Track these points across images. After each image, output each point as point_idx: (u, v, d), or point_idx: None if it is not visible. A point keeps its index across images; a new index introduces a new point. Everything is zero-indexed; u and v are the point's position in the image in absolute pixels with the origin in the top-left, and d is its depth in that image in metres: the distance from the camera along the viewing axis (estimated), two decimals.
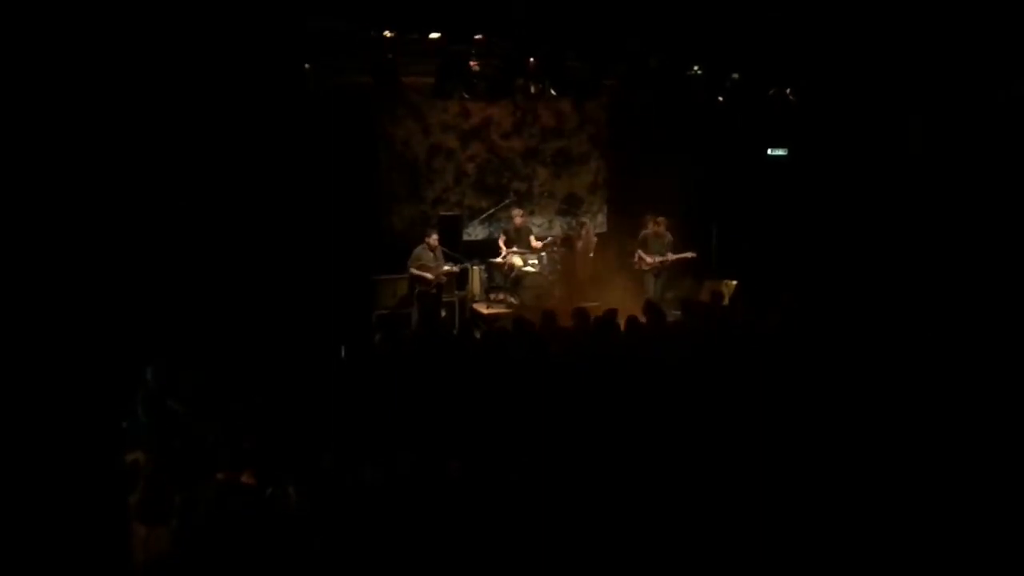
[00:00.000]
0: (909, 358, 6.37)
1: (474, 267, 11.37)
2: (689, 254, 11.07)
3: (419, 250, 10.30)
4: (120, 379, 4.85)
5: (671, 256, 11.00)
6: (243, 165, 9.08)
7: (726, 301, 9.81)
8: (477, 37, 9.18)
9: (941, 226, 10.44)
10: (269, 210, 9.35)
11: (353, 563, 4.00)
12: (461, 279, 11.05)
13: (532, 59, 9.69)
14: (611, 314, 7.78)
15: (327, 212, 9.96)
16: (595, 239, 11.99)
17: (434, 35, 8.87)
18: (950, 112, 10.31)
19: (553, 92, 10.63)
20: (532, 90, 10.57)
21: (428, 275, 10.16)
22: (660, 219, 11.08)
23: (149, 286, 7.22)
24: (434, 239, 10.37)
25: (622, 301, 9.41)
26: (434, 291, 10.26)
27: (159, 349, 6.17)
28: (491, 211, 12.11)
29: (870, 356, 6.42)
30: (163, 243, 8.07)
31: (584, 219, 12.38)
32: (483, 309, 11.07)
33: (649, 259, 11.01)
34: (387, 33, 8.81)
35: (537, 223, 12.45)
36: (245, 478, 4.40)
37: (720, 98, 11.10)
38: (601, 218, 13.21)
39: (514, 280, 11.02)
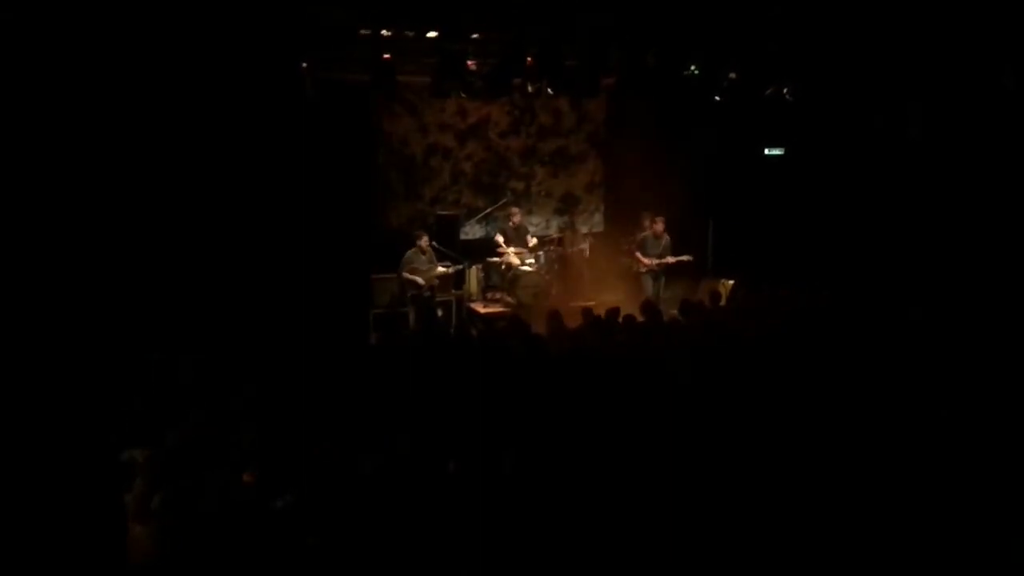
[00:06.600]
0: (909, 355, 6.38)
1: (471, 268, 11.35)
2: (685, 258, 11.06)
3: (410, 253, 10.25)
4: (118, 376, 4.84)
5: (669, 259, 10.99)
6: (241, 163, 9.08)
7: (723, 301, 9.82)
8: (475, 36, 9.17)
9: (939, 224, 10.46)
10: (267, 208, 9.34)
11: (348, 560, 4.00)
12: (458, 278, 11.04)
13: (530, 58, 9.67)
14: (614, 312, 7.83)
15: (324, 210, 9.96)
16: (586, 244, 11.91)
17: (431, 34, 8.87)
18: (948, 111, 10.33)
19: (551, 91, 10.64)
20: (530, 89, 10.57)
21: (419, 279, 10.14)
22: (659, 219, 11.06)
23: (148, 284, 7.22)
24: (424, 242, 10.32)
25: (620, 301, 9.42)
26: (427, 293, 10.24)
27: (158, 347, 6.17)
28: (488, 210, 12.10)
29: (870, 353, 6.43)
30: (163, 241, 8.07)
31: (577, 222, 12.40)
32: (480, 308, 11.06)
33: (646, 261, 11.00)
34: (385, 32, 8.81)
35: (535, 222, 12.45)
36: (246, 477, 4.40)
37: (717, 97, 11.11)
38: (598, 217, 13.22)
39: (511, 279, 11.02)
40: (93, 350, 3.55)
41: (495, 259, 11.29)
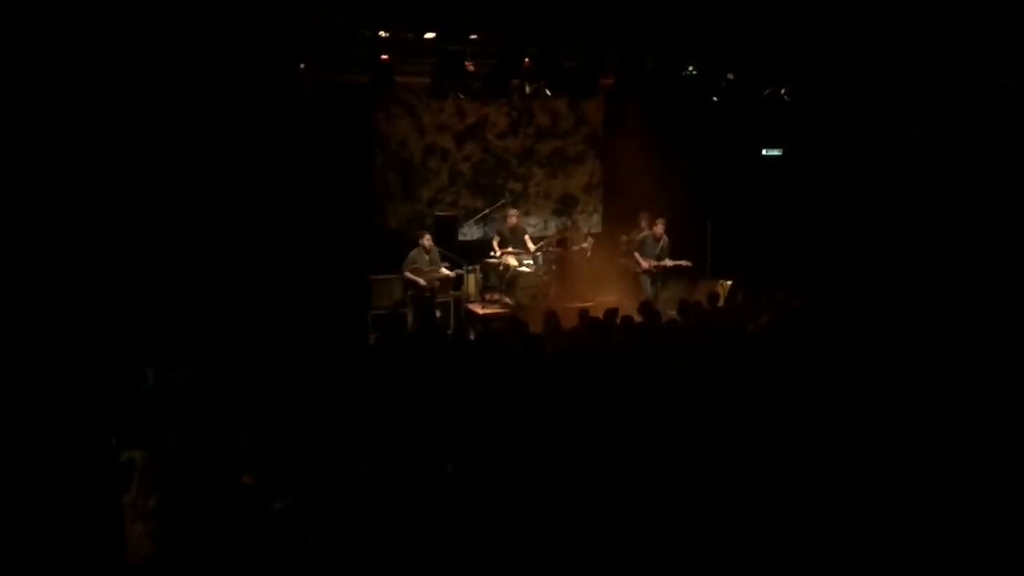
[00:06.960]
0: (909, 355, 6.37)
1: (469, 273, 11.34)
2: (684, 263, 11.07)
3: (414, 253, 10.27)
4: (117, 377, 4.83)
5: (667, 262, 11.01)
6: (240, 164, 9.08)
7: (722, 302, 9.82)
8: (473, 37, 9.17)
9: (939, 224, 10.47)
10: (265, 209, 9.34)
11: (348, 561, 3.99)
12: (456, 279, 11.03)
13: (528, 59, 9.67)
14: (611, 313, 7.82)
15: (323, 211, 9.96)
16: (588, 243, 11.90)
17: (430, 35, 8.86)
18: (948, 111, 10.34)
19: (549, 92, 10.63)
20: (528, 90, 10.56)
21: (421, 280, 10.15)
22: (660, 221, 11.07)
23: (147, 285, 7.21)
24: (427, 240, 10.34)
25: (618, 302, 9.42)
26: (428, 294, 10.24)
27: (157, 348, 6.16)
28: (486, 211, 12.10)
29: (869, 353, 6.42)
30: (163, 241, 8.06)
31: (578, 220, 12.42)
32: (478, 309, 11.05)
33: (645, 263, 11.01)
34: (383, 33, 8.81)
35: (532, 223, 12.45)
36: (245, 478, 4.39)
37: (715, 98, 11.11)
38: (596, 218, 13.21)
39: (509, 280, 11.00)
40: (93, 350, 3.54)
41: (493, 260, 11.28)
